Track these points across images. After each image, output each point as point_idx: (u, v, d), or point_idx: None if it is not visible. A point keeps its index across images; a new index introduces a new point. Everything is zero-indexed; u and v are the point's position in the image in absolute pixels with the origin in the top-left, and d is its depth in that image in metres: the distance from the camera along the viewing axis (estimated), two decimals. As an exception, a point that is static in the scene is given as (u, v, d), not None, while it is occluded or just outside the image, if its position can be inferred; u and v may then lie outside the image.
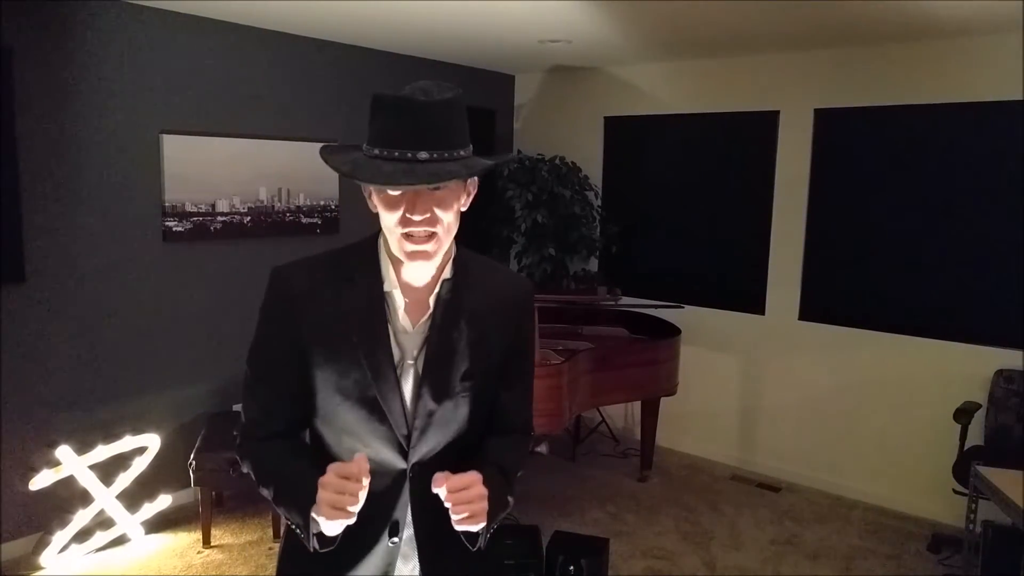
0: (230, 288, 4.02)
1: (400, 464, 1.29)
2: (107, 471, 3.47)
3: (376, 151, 1.17)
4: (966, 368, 3.90)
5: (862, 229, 4.25)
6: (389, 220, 1.20)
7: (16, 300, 3.30)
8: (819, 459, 4.46)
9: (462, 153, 1.19)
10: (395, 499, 1.31)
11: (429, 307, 1.29)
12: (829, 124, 4.31)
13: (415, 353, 1.29)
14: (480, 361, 1.32)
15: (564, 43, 4.30)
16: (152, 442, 3.61)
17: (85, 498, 3.42)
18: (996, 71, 3.74)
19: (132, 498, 3.56)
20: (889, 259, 4.17)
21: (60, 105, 3.35)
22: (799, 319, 4.50)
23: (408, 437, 1.28)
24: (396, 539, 1.31)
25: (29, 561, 3.33)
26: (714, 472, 4.68)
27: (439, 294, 1.29)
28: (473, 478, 1.18)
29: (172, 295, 3.83)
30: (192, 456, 3.47)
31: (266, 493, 1.29)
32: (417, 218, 1.17)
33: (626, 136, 5.17)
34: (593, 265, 5.32)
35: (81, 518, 3.38)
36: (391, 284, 1.27)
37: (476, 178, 1.26)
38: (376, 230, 1.31)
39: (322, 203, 4.41)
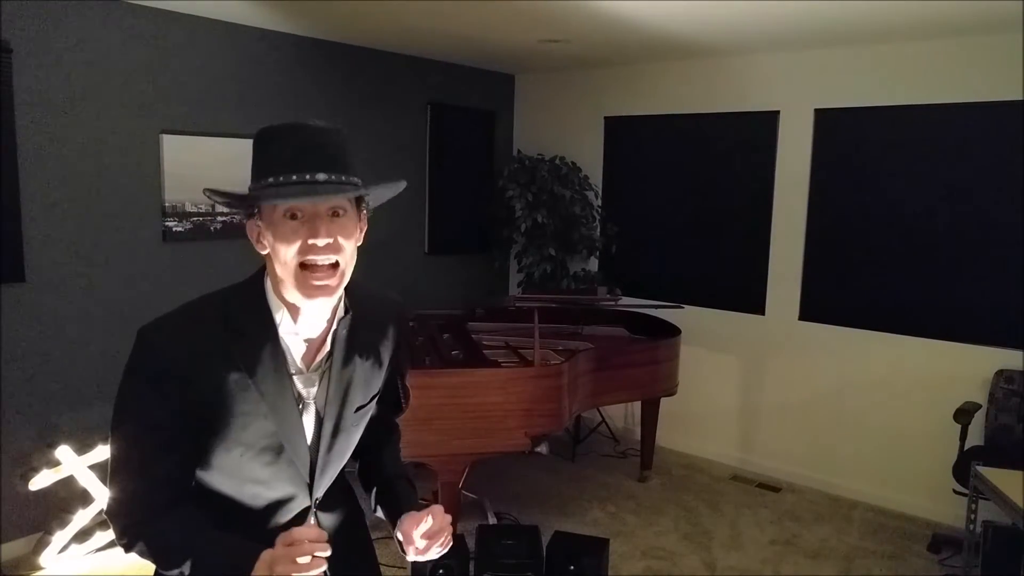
0: (230, 288, 4.01)
1: (305, 500, 1.31)
2: (107, 471, 3.46)
3: (271, 179, 1.13)
4: (966, 368, 3.90)
5: (862, 229, 4.25)
6: (288, 253, 1.13)
7: (16, 300, 3.30)
8: (819, 459, 4.46)
9: (356, 180, 1.18)
10: (296, 521, 1.31)
11: (326, 346, 1.26)
12: (829, 124, 4.31)
13: (313, 393, 1.27)
14: (373, 389, 1.37)
15: (564, 43, 4.30)
16: (152, 442, 3.60)
17: (85, 498, 3.41)
18: (996, 71, 3.74)
19: (132, 498, 3.55)
20: (889, 259, 4.17)
21: (60, 105, 3.35)
22: (799, 319, 4.50)
23: (312, 473, 1.29)
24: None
25: (29, 561, 3.33)
26: (714, 472, 4.68)
27: (336, 332, 1.27)
28: (435, 514, 1.29)
29: (172, 295, 3.80)
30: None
31: (175, 573, 1.17)
32: (321, 243, 1.12)
33: (626, 136, 5.17)
34: (593, 265, 5.32)
35: (81, 518, 3.38)
36: (285, 330, 1.21)
37: (365, 213, 1.24)
38: (254, 272, 1.26)
39: (322, 203, 4.41)
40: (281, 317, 1.21)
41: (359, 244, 1.22)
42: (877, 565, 3.58)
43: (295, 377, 1.24)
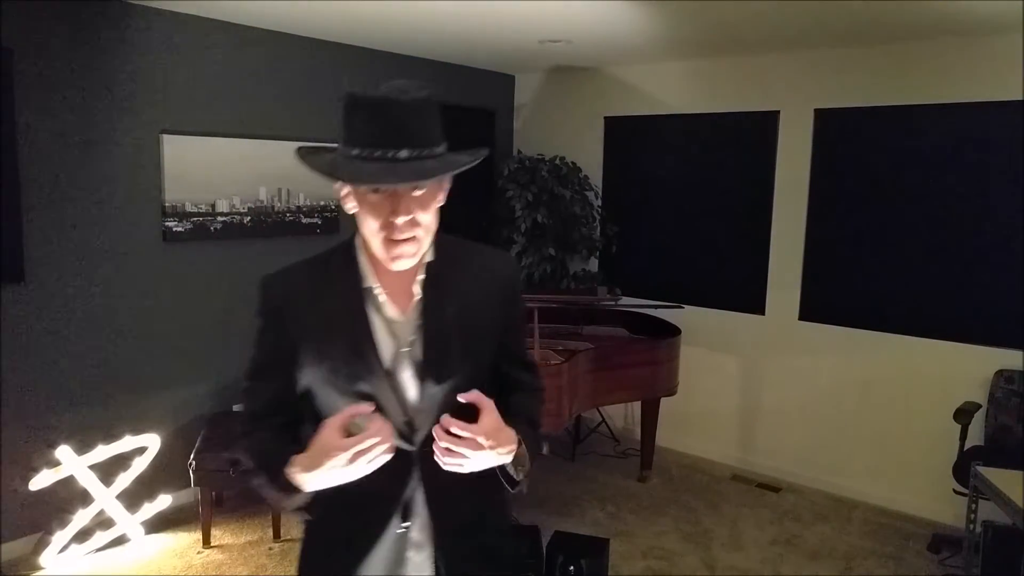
0: (230, 288, 4.02)
1: (405, 445, 1.30)
2: (107, 471, 3.47)
3: (355, 151, 1.17)
4: (966, 368, 3.90)
5: (862, 229, 4.25)
6: (371, 225, 1.20)
7: (16, 300, 3.30)
8: (819, 459, 4.46)
9: (438, 150, 1.20)
10: (404, 484, 1.31)
11: (415, 294, 1.31)
12: (829, 124, 4.31)
13: (410, 340, 1.30)
14: (475, 337, 1.34)
15: (564, 43, 4.30)
16: (152, 442, 3.61)
17: (85, 498, 3.42)
18: (996, 71, 3.74)
19: (132, 498, 3.56)
20: (889, 259, 4.17)
21: (60, 105, 3.35)
22: (799, 319, 4.50)
23: (410, 423, 1.30)
24: (407, 524, 1.32)
25: (29, 561, 3.33)
26: (714, 472, 4.68)
27: (424, 281, 1.31)
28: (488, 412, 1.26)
29: (172, 295, 3.83)
30: (192, 456, 3.47)
31: (255, 480, 1.31)
32: (400, 221, 1.18)
33: (626, 136, 5.17)
34: (593, 265, 5.32)
35: (81, 518, 3.38)
36: (371, 279, 1.29)
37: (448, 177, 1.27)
38: (347, 238, 1.35)
39: (322, 203, 4.41)
40: (366, 267, 1.30)
41: (440, 204, 1.26)
42: (877, 565, 3.58)
43: (391, 325, 1.30)
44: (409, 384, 1.30)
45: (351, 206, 1.24)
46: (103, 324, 3.58)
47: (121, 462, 3.52)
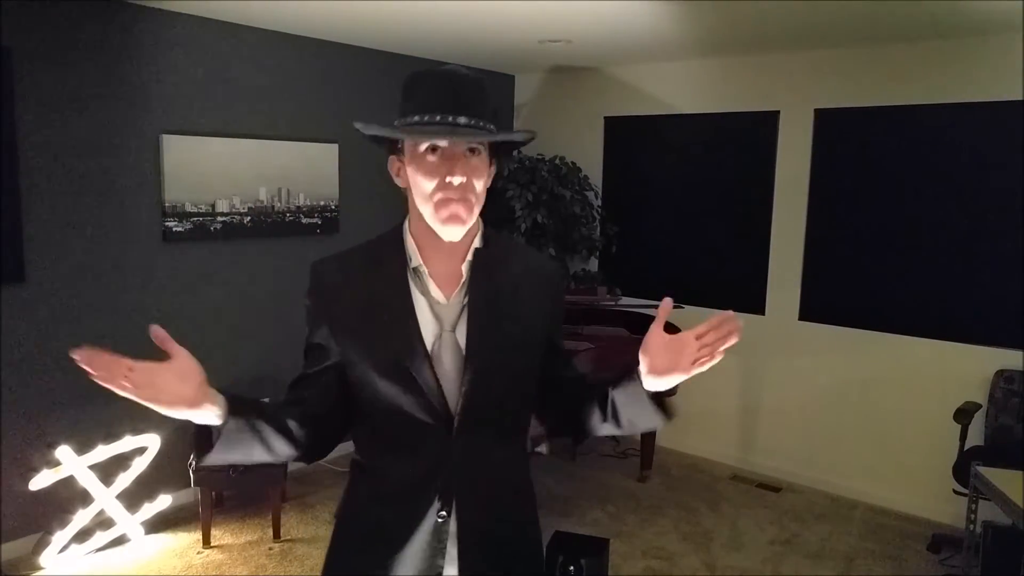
0: (230, 288, 4.02)
1: (445, 435, 1.29)
2: (107, 471, 3.47)
3: (415, 118, 1.23)
4: (966, 368, 3.90)
5: (862, 229, 4.25)
6: (426, 187, 1.23)
7: (16, 300, 3.30)
8: (819, 459, 4.46)
9: (492, 127, 1.26)
10: (441, 471, 1.29)
11: (462, 276, 1.32)
12: (829, 124, 4.31)
13: (453, 322, 1.30)
14: (520, 327, 1.34)
15: (564, 43, 4.30)
16: (152, 442, 3.61)
17: (85, 498, 3.42)
18: (996, 71, 3.74)
19: (132, 498, 3.56)
20: (889, 259, 4.17)
21: (60, 105, 3.35)
22: (799, 319, 4.50)
23: (450, 407, 1.28)
24: (444, 512, 1.30)
25: (29, 561, 3.33)
26: (714, 472, 4.68)
27: (472, 263, 1.32)
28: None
29: (172, 295, 3.83)
30: (192, 456, 3.47)
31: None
32: (456, 181, 1.21)
33: (626, 136, 5.17)
34: (593, 265, 5.32)
35: (81, 518, 3.38)
36: (417, 260, 1.31)
37: (495, 161, 1.32)
38: (398, 222, 1.37)
39: (322, 203, 4.41)
40: (413, 249, 1.32)
41: (488, 187, 1.30)
42: (877, 565, 3.58)
43: (434, 307, 1.30)
44: (451, 369, 1.29)
45: (403, 180, 1.29)
46: (103, 324, 3.57)
47: (121, 462, 3.52)
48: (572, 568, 2.99)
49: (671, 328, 1.28)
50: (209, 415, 1.18)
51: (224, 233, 3.97)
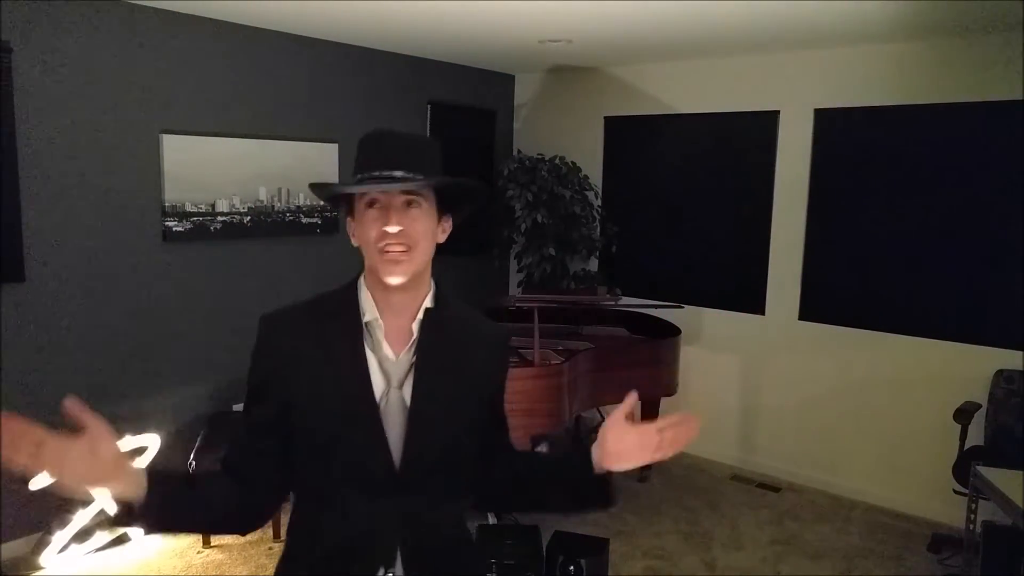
0: (230, 288, 4.02)
1: (391, 491, 1.29)
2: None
3: (357, 176, 1.28)
4: (966, 368, 3.90)
5: (862, 229, 4.25)
6: (368, 238, 1.26)
7: (16, 300, 3.30)
8: (819, 459, 4.46)
9: (432, 181, 1.29)
10: (385, 528, 1.29)
11: (412, 334, 1.32)
12: (829, 124, 4.31)
13: (401, 379, 1.30)
14: (466, 388, 1.36)
15: (564, 43, 4.30)
16: (152, 442, 3.61)
17: (85, 498, 3.42)
18: (996, 71, 3.74)
19: (132, 498, 3.55)
20: (889, 259, 4.17)
21: (60, 105, 3.35)
22: (799, 319, 4.50)
23: (394, 463, 1.28)
24: (392, 573, 1.29)
25: (29, 561, 3.33)
26: (714, 472, 4.68)
27: (422, 322, 1.33)
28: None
29: (172, 295, 3.83)
30: (192, 456, 3.47)
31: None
32: (392, 230, 1.24)
33: (626, 136, 5.17)
34: (593, 265, 5.32)
35: (81, 518, 3.38)
36: (371, 314, 1.31)
37: (450, 215, 1.35)
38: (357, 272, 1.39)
39: (322, 203, 4.41)
40: (367, 302, 1.32)
41: (439, 242, 1.34)
42: (877, 565, 3.58)
43: (383, 363, 1.31)
44: (396, 425, 1.29)
45: (356, 238, 1.31)
46: (103, 324, 3.57)
47: (121, 462, 3.51)
48: (572, 568, 2.99)
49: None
50: (126, 489, 1.15)
51: (224, 233, 3.97)
